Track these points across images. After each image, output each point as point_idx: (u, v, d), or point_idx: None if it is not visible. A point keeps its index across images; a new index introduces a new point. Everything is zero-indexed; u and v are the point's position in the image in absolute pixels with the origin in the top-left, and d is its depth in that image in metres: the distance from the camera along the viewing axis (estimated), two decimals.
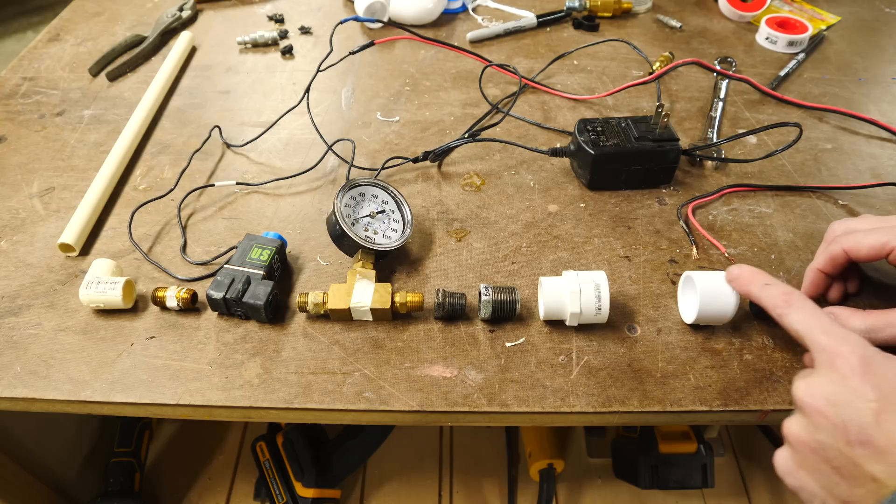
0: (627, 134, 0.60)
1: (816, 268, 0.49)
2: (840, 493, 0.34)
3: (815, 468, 0.35)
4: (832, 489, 0.34)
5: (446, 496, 0.92)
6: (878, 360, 0.34)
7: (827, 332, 0.37)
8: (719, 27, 0.90)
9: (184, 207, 0.61)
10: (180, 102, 0.75)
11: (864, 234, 0.46)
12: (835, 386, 0.35)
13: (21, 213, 0.61)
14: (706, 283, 0.47)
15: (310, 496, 0.83)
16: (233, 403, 0.46)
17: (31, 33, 2.36)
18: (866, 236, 0.46)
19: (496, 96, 0.75)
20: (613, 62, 0.81)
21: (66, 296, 0.53)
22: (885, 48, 0.86)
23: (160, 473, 0.93)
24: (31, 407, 0.47)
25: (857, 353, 0.35)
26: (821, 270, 0.49)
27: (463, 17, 0.92)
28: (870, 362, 0.34)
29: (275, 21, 0.90)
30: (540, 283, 0.49)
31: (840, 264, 0.47)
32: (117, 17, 0.92)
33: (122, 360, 0.48)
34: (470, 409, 0.45)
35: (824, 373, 0.36)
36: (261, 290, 0.49)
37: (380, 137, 0.69)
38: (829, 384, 0.35)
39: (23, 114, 0.73)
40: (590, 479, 0.94)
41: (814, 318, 0.38)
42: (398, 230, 0.55)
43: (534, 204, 0.61)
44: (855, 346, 0.35)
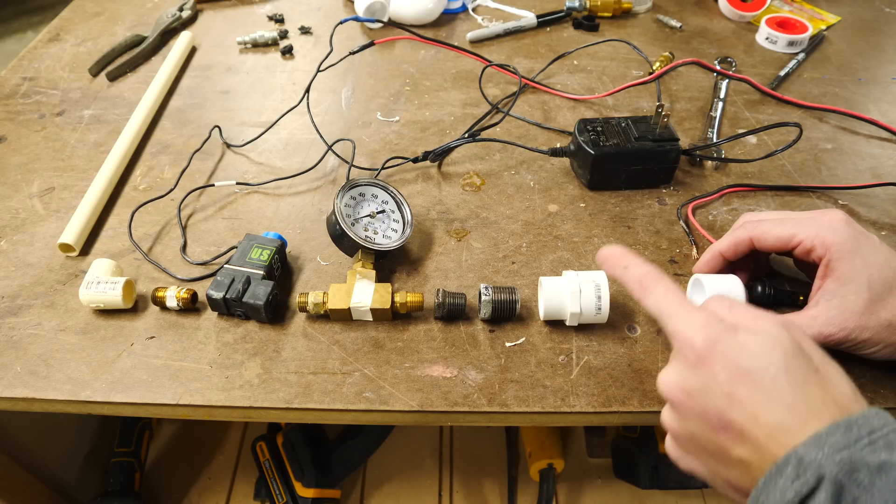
0: (627, 134, 0.60)
1: (718, 250, 0.48)
2: (722, 474, 0.34)
3: (696, 454, 0.36)
4: (716, 471, 0.35)
5: (446, 496, 0.92)
6: (724, 338, 0.33)
7: (675, 316, 0.36)
8: (719, 27, 0.90)
9: (184, 207, 0.61)
10: (180, 102, 0.75)
11: (772, 224, 0.46)
12: (687, 373, 0.34)
13: (21, 213, 0.61)
14: (715, 285, 0.47)
15: (310, 496, 0.83)
16: (233, 403, 0.46)
17: (31, 33, 2.36)
18: (774, 226, 0.45)
19: (496, 96, 0.75)
20: (613, 62, 0.81)
21: (66, 296, 0.53)
22: (885, 48, 0.86)
23: (160, 473, 0.93)
24: (31, 407, 0.47)
25: (700, 335, 0.34)
26: (721, 253, 0.48)
27: (463, 17, 0.92)
28: (713, 344, 0.33)
29: (275, 21, 0.90)
30: (540, 283, 0.49)
31: (742, 251, 0.47)
32: (117, 17, 0.92)
33: (122, 360, 0.48)
34: (470, 409, 0.45)
35: (678, 360, 0.35)
36: (261, 290, 0.49)
37: (380, 137, 0.69)
38: (683, 372, 0.35)
39: (23, 114, 0.73)
40: (590, 479, 0.94)
41: (665, 300, 0.37)
42: (398, 230, 0.55)
43: (534, 204, 0.61)
44: (699, 328, 0.34)
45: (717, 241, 0.49)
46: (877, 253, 0.42)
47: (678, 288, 0.37)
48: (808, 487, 0.29)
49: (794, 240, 0.44)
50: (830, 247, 0.42)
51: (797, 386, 0.31)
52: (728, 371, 0.33)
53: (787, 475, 0.29)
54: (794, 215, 0.46)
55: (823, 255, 0.43)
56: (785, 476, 0.30)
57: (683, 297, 0.37)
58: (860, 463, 0.28)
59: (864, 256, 0.42)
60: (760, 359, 0.32)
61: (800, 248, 0.44)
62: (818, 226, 0.44)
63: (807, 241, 0.43)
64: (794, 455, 0.30)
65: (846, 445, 0.29)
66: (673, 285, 0.37)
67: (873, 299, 0.41)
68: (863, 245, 0.42)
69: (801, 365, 0.32)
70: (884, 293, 0.41)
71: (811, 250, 0.44)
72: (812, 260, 0.44)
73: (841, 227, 0.43)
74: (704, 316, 0.35)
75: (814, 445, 0.29)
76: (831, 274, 0.43)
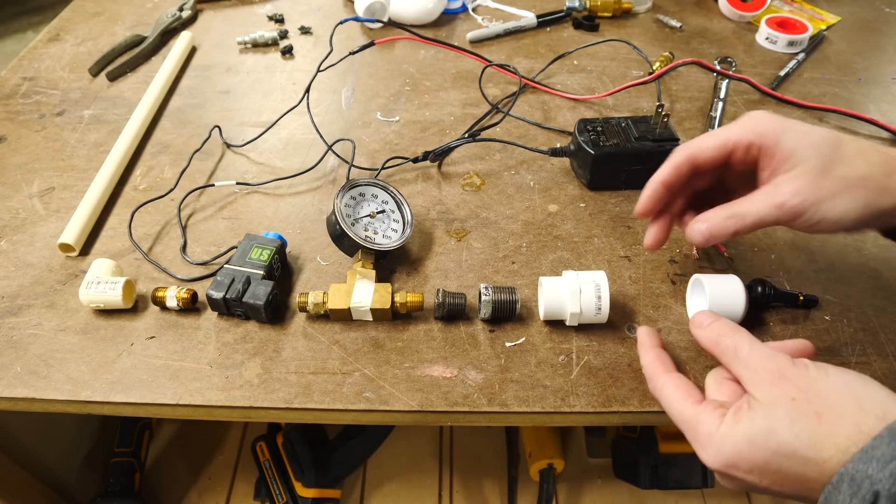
0: (627, 134, 0.60)
1: (658, 180, 0.46)
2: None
3: None
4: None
5: (446, 496, 0.92)
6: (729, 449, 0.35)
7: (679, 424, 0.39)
8: (719, 27, 0.89)
9: (184, 207, 0.61)
10: (180, 102, 0.75)
11: (704, 137, 0.45)
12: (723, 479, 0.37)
13: (21, 213, 0.61)
14: (715, 286, 0.47)
15: (310, 496, 0.83)
16: (233, 403, 0.46)
17: (31, 33, 2.36)
18: (707, 138, 0.44)
19: (496, 96, 0.75)
20: (613, 62, 0.81)
21: (66, 296, 0.53)
22: (885, 48, 0.86)
23: (160, 473, 0.93)
24: (31, 407, 0.47)
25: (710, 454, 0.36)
26: (662, 183, 0.46)
27: (463, 17, 0.92)
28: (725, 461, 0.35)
29: (275, 21, 0.90)
30: (540, 283, 0.49)
31: (684, 173, 0.45)
32: (117, 17, 0.92)
33: (122, 360, 0.48)
34: (470, 409, 0.45)
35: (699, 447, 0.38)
36: (261, 290, 0.49)
37: (380, 137, 0.69)
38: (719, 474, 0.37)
39: (23, 114, 0.73)
40: (590, 479, 0.94)
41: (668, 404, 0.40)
42: (398, 230, 0.55)
43: (534, 204, 0.61)
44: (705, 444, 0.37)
45: (656, 173, 0.47)
46: (805, 125, 0.42)
47: (679, 393, 0.40)
48: (868, 503, 0.29)
49: (729, 142, 0.43)
50: (766, 134, 0.42)
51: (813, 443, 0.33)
52: (755, 475, 0.34)
53: (843, 491, 0.30)
54: (720, 129, 0.45)
55: (762, 143, 0.42)
56: (843, 493, 0.30)
57: (681, 407, 0.39)
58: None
59: (799, 130, 0.42)
60: (767, 444, 0.34)
61: (738, 150, 0.43)
62: (745, 123, 0.43)
63: (742, 139, 0.43)
64: (846, 473, 0.30)
65: (893, 456, 0.29)
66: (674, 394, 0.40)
67: (824, 162, 0.40)
68: (793, 123, 0.42)
69: (804, 424, 0.33)
70: (831, 153, 0.40)
71: (749, 146, 0.43)
72: (752, 159, 0.44)
73: (767, 116, 0.43)
74: (705, 427, 0.37)
75: (861, 461, 0.30)
76: (776, 155, 0.42)
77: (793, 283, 0.53)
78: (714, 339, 0.41)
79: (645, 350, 0.44)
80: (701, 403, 0.38)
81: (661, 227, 0.48)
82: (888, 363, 0.47)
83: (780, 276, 0.54)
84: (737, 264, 0.55)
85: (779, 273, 0.54)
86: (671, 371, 0.42)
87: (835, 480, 0.31)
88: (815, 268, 0.54)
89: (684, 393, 0.39)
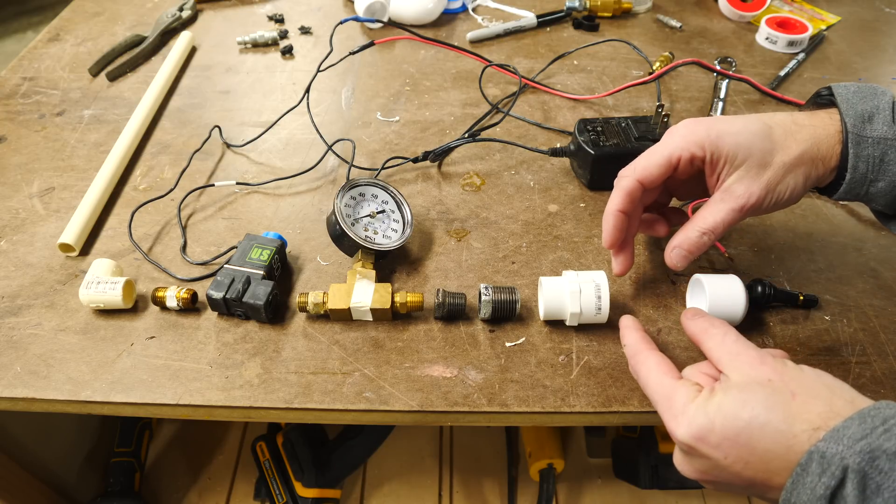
0: (627, 134, 0.60)
1: (614, 209, 0.47)
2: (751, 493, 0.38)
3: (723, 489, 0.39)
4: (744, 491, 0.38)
5: (446, 496, 0.92)
6: (703, 426, 0.35)
7: (657, 404, 0.40)
8: (719, 27, 0.90)
9: (184, 207, 0.61)
10: (180, 102, 0.75)
11: (647, 156, 0.46)
12: (693, 461, 0.37)
13: (21, 213, 0.61)
14: (715, 286, 0.47)
15: (310, 496, 0.83)
16: (233, 403, 0.46)
17: (31, 33, 2.36)
18: (650, 158, 0.46)
19: (496, 96, 0.75)
20: (613, 62, 0.81)
21: (66, 296, 0.53)
22: (885, 48, 0.86)
23: (160, 473, 0.93)
24: (31, 407, 0.47)
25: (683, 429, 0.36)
26: (620, 210, 0.47)
27: (463, 17, 0.92)
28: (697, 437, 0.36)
29: (275, 21, 0.90)
30: (540, 283, 0.49)
31: (637, 197, 0.47)
32: (117, 17, 0.92)
33: (122, 360, 0.48)
34: (470, 409, 0.45)
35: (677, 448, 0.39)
36: (261, 290, 0.49)
37: (380, 137, 0.69)
38: (689, 460, 0.38)
39: (23, 114, 0.73)
40: (590, 479, 0.94)
41: (647, 385, 0.41)
42: (398, 230, 0.55)
43: (534, 204, 0.61)
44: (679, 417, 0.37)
45: (607, 204, 0.48)
46: (733, 122, 0.44)
47: (660, 368, 0.41)
48: (836, 480, 0.30)
49: (672, 158, 0.45)
50: (704, 144, 0.44)
51: (787, 415, 0.33)
52: (722, 450, 0.35)
53: (812, 472, 0.31)
54: (653, 146, 0.46)
55: (703, 153, 0.44)
56: (811, 473, 0.31)
57: (659, 380, 0.40)
58: (879, 451, 0.30)
59: (732, 131, 0.43)
60: (740, 414, 0.34)
61: (681, 163, 0.45)
62: (683, 136, 0.45)
63: (684, 152, 0.44)
64: (817, 451, 0.31)
65: (863, 436, 0.31)
66: (654, 367, 0.41)
67: (762, 155, 0.43)
68: (724, 125, 0.44)
69: (778, 399, 0.34)
70: (766, 145, 0.43)
71: (692, 158, 0.44)
72: (695, 168, 0.45)
73: (699, 124, 0.45)
74: (680, 398, 0.37)
75: (833, 440, 0.31)
76: (719, 160, 0.44)
77: (793, 283, 0.53)
78: (704, 326, 0.42)
79: (630, 331, 0.45)
80: (679, 379, 0.39)
81: (627, 253, 0.50)
82: (888, 363, 0.47)
83: (780, 276, 0.54)
84: (737, 264, 0.55)
85: (779, 273, 0.54)
86: (654, 349, 0.43)
87: (803, 461, 0.32)
88: (814, 268, 0.54)
89: (665, 368, 0.41)
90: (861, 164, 0.42)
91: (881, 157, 0.42)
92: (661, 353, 0.42)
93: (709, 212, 0.44)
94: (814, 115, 0.44)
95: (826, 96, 0.46)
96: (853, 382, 0.46)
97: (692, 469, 0.38)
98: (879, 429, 0.31)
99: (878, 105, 0.43)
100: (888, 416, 0.31)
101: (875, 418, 0.31)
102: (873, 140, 0.42)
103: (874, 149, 0.42)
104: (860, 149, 0.42)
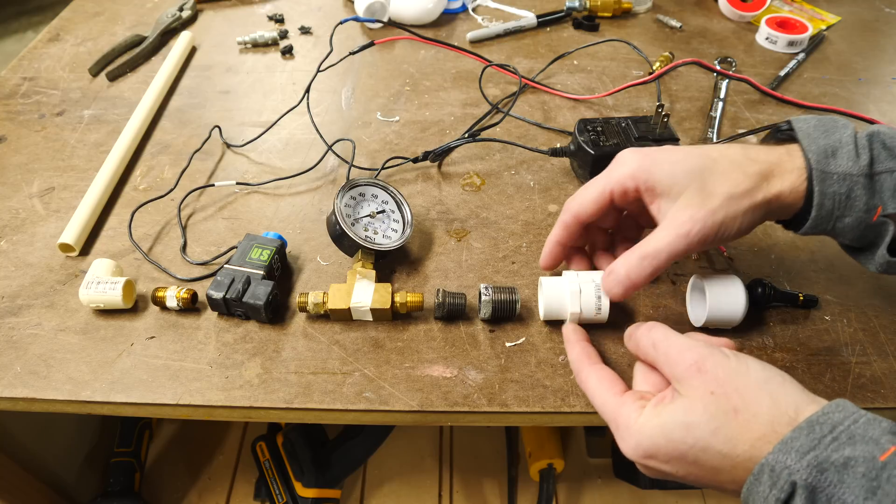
0: (627, 134, 0.60)
1: (553, 241, 0.49)
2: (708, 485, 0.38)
3: None
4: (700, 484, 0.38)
5: (446, 496, 0.92)
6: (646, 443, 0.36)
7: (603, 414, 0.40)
8: (719, 27, 0.90)
9: (184, 207, 0.61)
10: (180, 102, 0.75)
11: (582, 193, 0.46)
12: (644, 466, 0.38)
13: (21, 213, 0.61)
14: (715, 286, 0.47)
15: (310, 496, 0.83)
16: (233, 403, 0.46)
17: (31, 33, 2.36)
18: (585, 194, 0.46)
19: (496, 96, 0.75)
20: (613, 62, 0.81)
21: (66, 296, 0.53)
22: (885, 48, 0.86)
23: (160, 473, 0.93)
24: (31, 407, 0.47)
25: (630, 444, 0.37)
26: (558, 243, 0.48)
27: (463, 17, 0.92)
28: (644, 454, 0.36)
29: (275, 21, 0.90)
30: (540, 284, 0.49)
31: (574, 231, 0.47)
32: (117, 17, 0.92)
33: (122, 360, 0.48)
34: (470, 409, 0.45)
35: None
36: (261, 290, 0.49)
37: (380, 137, 0.69)
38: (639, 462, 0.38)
39: (23, 114, 0.73)
40: (590, 479, 0.94)
41: (593, 396, 0.41)
42: (398, 230, 0.55)
43: (534, 204, 0.61)
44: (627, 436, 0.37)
45: (551, 232, 0.49)
46: (674, 152, 0.43)
47: (602, 384, 0.41)
48: (786, 494, 0.31)
49: (605, 193, 0.45)
50: (637, 175, 0.43)
51: (729, 438, 0.33)
52: (671, 466, 0.35)
53: (763, 482, 0.32)
54: (596, 177, 0.46)
55: (638, 185, 0.43)
56: (763, 483, 0.32)
57: (603, 398, 0.40)
58: (827, 462, 0.30)
59: (669, 160, 0.43)
60: (685, 439, 0.34)
61: (616, 196, 0.44)
62: (615, 169, 0.45)
63: (617, 186, 0.44)
64: (766, 464, 0.32)
65: (811, 447, 0.31)
66: (596, 384, 0.41)
67: (703, 184, 0.41)
68: (660, 154, 0.43)
69: (720, 421, 0.34)
70: (707, 175, 0.42)
71: (626, 191, 0.44)
72: (634, 199, 0.45)
73: (633, 155, 0.44)
74: (624, 419, 0.37)
75: (781, 452, 0.31)
76: (655, 189, 0.43)
77: (793, 283, 0.53)
78: (635, 343, 0.42)
79: (571, 345, 0.46)
80: (622, 395, 0.39)
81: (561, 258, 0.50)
82: (888, 363, 0.47)
83: (780, 276, 0.54)
84: (737, 264, 0.55)
85: (779, 273, 0.54)
86: (596, 363, 0.43)
87: (756, 471, 0.32)
88: (815, 268, 0.54)
89: (607, 384, 0.41)
90: (827, 201, 0.41)
91: (847, 194, 0.41)
92: (603, 367, 0.43)
93: (652, 237, 0.43)
94: (770, 150, 0.43)
95: (786, 131, 0.45)
96: (853, 382, 0.46)
97: (652, 473, 0.38)
98: (827, 438, 0.31)
99: (840, 139, 0.42)
100: (836, 421, 0.31)
101: (823, 426, 0.31)
102: (839, 176, 0.40)
103: (840, 185, 0.41)
104: (825, 186, 0.41)
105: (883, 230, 0.42)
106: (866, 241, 0.44)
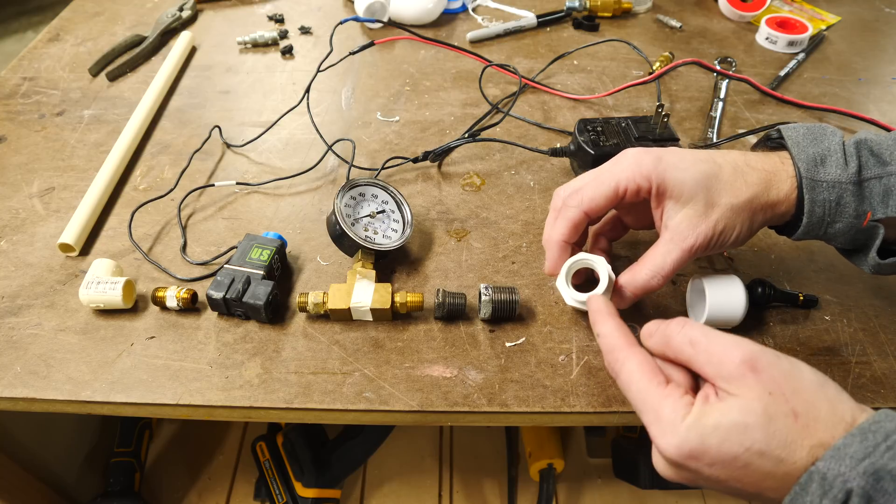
0: (627, 134, 0.60)
1: (559, 240, 0.46)
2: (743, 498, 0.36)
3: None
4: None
5: (446, 496, 0.92)
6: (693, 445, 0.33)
7: (642, 413, 0.37)
8: (719, 27, 0.90)
9: (184, 207, 0.61)
10: (180, 102, 0.75)
11: (592, 188, 0.45)
12: (678, 471, 0.35)
13: (21, 213, 0.61)
14: (715, 286, 0.47)
15: (310, 496, 0.83)
16: (233, 403, 0.46)
17: (31, 33, 2.36)
18: (596, 189, 0.45)
19: (496, 96, 0.75)
20: (613, 62, 0.81)
21: (66, 296, 0.53)
22: (885, 48, 0.86)
23: (160, 473, 0.93)
24: (31, 407, 0.47)
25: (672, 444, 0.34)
26: (565, 241, 0.47)
27: (463, 17, 0.92)
28: (686, 455, 0.34)
29: (275, 21, 0.90)
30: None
31: (582, 227, 0.47)
32: (117, 17, 0.92)
33: (122, 360, 0.48)
34: (470, 409, 0.45)
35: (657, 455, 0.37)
36: (261, 290, 0.49)
37: (380, 137, 0.69)
38: (673, 469, 0.36)
39: (23, 114, 0.73)
40: (590, 479, 0.94)
41: (629, 390, 0.37)
42: (398, 230, 0.55)
43: (534, 204, 0.61)
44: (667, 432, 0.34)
45: (550, 231, 0.47)
46: (683, 156, 0.44)
47: (643, 370, 0.37)
48: (839, 502, 0.29)
49: (619, 189, 0.44)
50: (650, 176, 0.43)
51: (788, 443, 0.32)
52: (714, 469, 0.33)
53: (812, 492, 0.30)
54: (598, 171, 0.45)
55: (649, 186, 0.43)
56: (811, 493, 0.30)
57: (645, 387, 0.36)
58: (883, 471, 0.29)
59: (679, 166, 0.43)
60: (742, 442, 0.32)
61: (628, 194, 0.44)
62: (629, 166, 0.44)
63: (630, 183, 0.44)
64: (817, 472, 0.30)
65: (865, 455, 0.29)
66: (637, 370, 0.37)
67: (708, 195, 0.42)
68: (672, 159, 0.43)
69: (780, 424, 0.32)
70: (713, 185, 0.42)
71: (638, 190, 0.44)
72: (641, 198, 0.45)
73: (646, 156, 0.44)
74: (669, 414, 0.34)
75: (834, 459, 0.30)
76: (664, 193, 0.43)
77: (793, 283, 0.53)
78: (663, 340, 0.38)
79: (603, 318, 0.41)
80: (667, 386, 0.36)
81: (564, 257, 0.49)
82: (888, 363, 0.47)
83: (780, 276, 0.54)
84: (737, 264, 0.55)
85: (779, 273, 0.54)
86: (634, 345, 0.39)
87: (803, 480, 0.30)
88: (815, 268, 0.54)
89: (649, 373, 0.36)
90: (817, 208, 0.42)
91: (836, 201, 0.41)
92: (643, 351, 0.38)
93: (659, 252, 0.43)
94: (766, 158, 0.44)
95: (776, 139, 0.45)
96: (853, 382, 0.46)
97: (674, 475, 0.36)
98: (882, 446, 0.30)
99: (829, 147, 0.42)
100: (889, 430, 0.30)
101: (877, 434, 0.30)
102: (828, 184, 0.41)
103: (829, 193, 0.41)
104: (815, 193, 0.42)
105: (873, 234, 0.42)
106: (858, 243, 0.44)
